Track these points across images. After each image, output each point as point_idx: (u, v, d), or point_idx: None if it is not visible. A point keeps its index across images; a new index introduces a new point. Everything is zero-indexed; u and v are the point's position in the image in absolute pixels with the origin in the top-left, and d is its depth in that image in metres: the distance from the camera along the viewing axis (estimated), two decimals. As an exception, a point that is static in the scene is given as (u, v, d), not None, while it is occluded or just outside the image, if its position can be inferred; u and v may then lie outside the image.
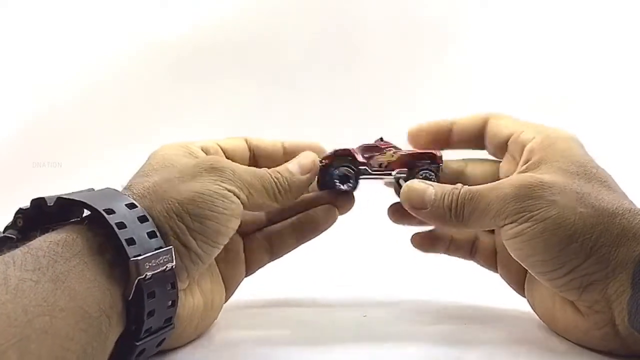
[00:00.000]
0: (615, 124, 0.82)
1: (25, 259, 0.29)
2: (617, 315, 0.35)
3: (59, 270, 0.29)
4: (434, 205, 0.38)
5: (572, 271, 0.35)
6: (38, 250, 0.30)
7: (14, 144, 0.82)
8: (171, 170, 0.37)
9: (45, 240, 0.31)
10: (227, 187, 0.36)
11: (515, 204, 0.36)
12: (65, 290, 0.29)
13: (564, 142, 0.39)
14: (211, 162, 0.37)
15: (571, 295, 0.36)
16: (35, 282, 0.28)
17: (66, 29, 0.85)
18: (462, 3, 0.89)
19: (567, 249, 0.35)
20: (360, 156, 0.43)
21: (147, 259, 0.32)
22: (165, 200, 0.35)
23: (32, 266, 0.29)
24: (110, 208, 0.33)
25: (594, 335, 0.37)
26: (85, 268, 0.31)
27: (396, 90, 0.85)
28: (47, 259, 0.30)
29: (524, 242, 0.36)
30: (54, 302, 0.28)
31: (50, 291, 0.28)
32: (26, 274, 0.28)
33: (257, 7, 0.88)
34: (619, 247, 0.35)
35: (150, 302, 0.32)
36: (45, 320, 0.27)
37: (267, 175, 0.39)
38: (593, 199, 0.36)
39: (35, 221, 0.34)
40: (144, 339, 0.33)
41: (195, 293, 0.38)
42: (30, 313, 0.27)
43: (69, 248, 0.31)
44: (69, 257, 0.30)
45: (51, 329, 0.27)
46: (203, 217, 0.35)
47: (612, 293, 0.35)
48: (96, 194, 0.34)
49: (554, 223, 0.35)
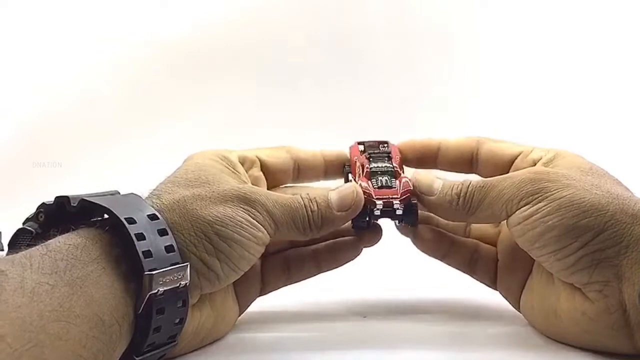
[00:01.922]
0: (613, 126, 0.82)
1: (43, 261, 0.29)
2: (628, 297, 0.34)
3: (76, 275, 0.29)
4: (442, 192, 0.39)
5: (584, 246, 0.35)
6: (57, 253, 0.30)
7: (14, 144, 0.82)
8: (205, 188, 0.37)
9: (65, 242, 0.31)
10: (257, 219, 0.36)
11: (532, 186, 0.36)
12: (81, 295, 0.29)
13: (576, 157, 0.41)
14: (245, 192, 0.37)
15: (581, 276, 0.36)
16: (52, 286, 0.28)
17: (66, 29, 0.85)
18: (461, 3, 0.89)
19: (581, 223, 0.35)
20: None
21: (161, 274, 0.31)
22: (195, 219, 0.34)
23: (49, 269, 0.29)
24: (132, 217, 0.32)
25: (603, 324, 0.35)
26: (103, 274, 0.30)
27: (396, 90, 0.85)
28: (64, 262, 0.29)
29: (537, 219, 0.36)
30: (70, 307, 0.28)
31: (67, 296, 0.28)
32: (43, 278, 0.28)
33: (257, 7, 0.88)
34: (634, 226, 0.35)
35: (158, 318, 0.32)
36: (61, 326, 0.27)
37: (301, 209, 0.38)
38: (609, 186, 0.37)
39: (57, 218, 0.34)
40: (144, 354, 0.32)
41: (206, 308, 0.37)
42: (46, 318, 0.27)
43: (88, 253, 0.31)
44: (87, 262, 0.30)
45: (65, 336, 0.27)
46: (230, 240, 0.35)
47: (625, 271, 0.34)
48: (120, 200, 0.34)
49: (569, 200, 0.35)
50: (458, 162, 0.44)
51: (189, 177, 0.38)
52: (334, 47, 0.87)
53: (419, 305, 0.47)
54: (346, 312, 0.46)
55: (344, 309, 0.46)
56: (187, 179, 0.37)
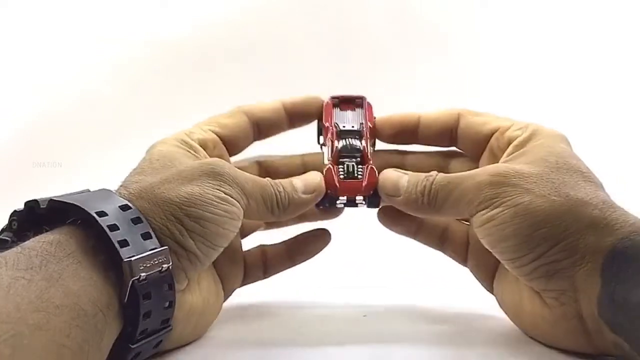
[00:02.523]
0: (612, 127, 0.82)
1: (18, 258, 0.29)
2: (585, 308, 0.35)
3: (52, 269, 0.29)
4: (407, 191, 0.39)
5: (539, 257, 0.35)
6: (31, 251, 0.30)
7: (14, 144, 0.81)
8: (171, 172, 0.37)
9: (39, 240, 0.31)
10: (227, 192, 0.36)
11: (490, 190, 0.36)
12: (59, 288, 0.29)
13: (551, 139, 0.39)
14: (212, 167, 0.37)
15: (538, 284, 0.36)
16: (29, 281, 0.28)
17: (66, 29, 0.85)
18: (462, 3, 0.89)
19: (536, 234, 0.35)
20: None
21: (141, 260, 0.32)
22: (164, 202, 0.35)
23: (24, 265, 0.29)
24: (103, 210, 0.32)
25: (561, 329, 0.36)
26: (79, 267, 0.30)
27: (396, 91, 0.85)
28: (40, 259, 0.30)
29: (494, 226, 0.36)
30: (48, 298, 0.28)
31: (44, 289, 0.28)
32: (19, 273, 0.28)
33: (257, 7, 0.88)
34: (589, 236, 0.35)
35: (146, 303, 0.32)
36: (40, 316, 0.27)
37: (268, 187, 0.39)
38: (569, 189, 0.36)
39: (30, 223, 0.34)
40: (139, 341, 0.33)
41: (195, 292, 0.38)
42: (23, 310, 0.27)
43: (62, 248, 0.31)
44: (63, 257, 0.30)
45: (46, 325, 0.27)
46: (202, 219, 0.35)
47: (580, 282, 0.35)
48: (89, 196, 0.34)
49: (525, 209, 0.35)
50: (438, 137, 0.44)
51: (154, 165, 0.38)
52: (334, 46, 0.87)
53: (418, 304, 0.47)
54: (346, 311, 0.46)
55: (343, 307, 0.46)
56: (153, 167, 0.37)
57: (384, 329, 0.42)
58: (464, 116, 0.43)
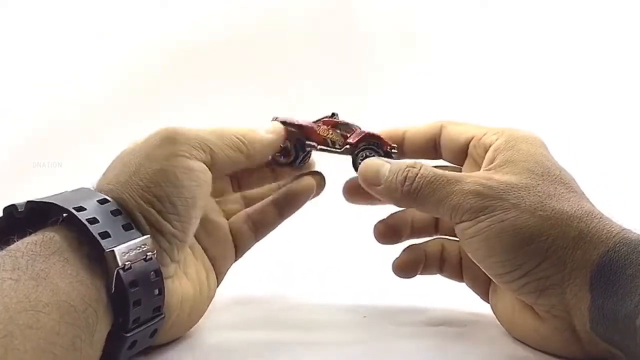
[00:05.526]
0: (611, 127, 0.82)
1: (4, 260, 0.29)
2: (577, 321, 0.35)
3: (39, 268, 0.30)
4: (387, 180, 0.38)
5: (527, 274, 0.35)
6: (16, 252, 0.30)
7: (14, 144, 0.82)
8: (129, 157, 0.37)
9: (23, 242, 0.31)
10: (186, 152, 0.36)
11: (477, 201, 0.36)
12: (47, 286, 0.29)
13: (528, 143, 0.39)
14: (166, 131, 0.37)
15: (528, 298, 0.36)
16: (16, 281, 0.28)
17: (66, 29, 0.85)
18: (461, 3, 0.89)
19: (522, 251, 0.35)
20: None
21: (123, 250, 0.32)
22: (136, 190, 0.35)
23: (10, 266, 0.29)
24: (81, 206, 0.33)
25: (554, 340, 0.36)
26: (66, 264, 0.31)
27: (396, 91, 0.85)
28: (25, 259, 0.30)
29: (481, 241, 0.36)
30: (37, 297, 0.28)
31: (32, 288, 0.28)
32: (5, 274, 0.29)
33: (257, 7, 0.88)
34: (575, 251, 0.34)
35: (134, 291, 0.32)
36: (29, 315, 0.27)
37: (227, 131, 0.39)
38: (554, 202, 0.36)
39: (11, 228, 0.34)
40: (133, 330, 0.33)
41: (182, 279, 0.38)
42: (12, 310, 0.27)
43: (47, 247, 0.31)
44: (48, 255, 0.31)
45: (36, 324, 0.27)
46: (170, 196, 0.35)
47: (570, 298, 0.35)
48: (67, 195, 0.35)
49: (512, 225, 0.35)
50: (424, 150, 0.44)
51: (124, 160, 0.37)
52: (334, 46, 0.87)
53: (418, 305, 0.47)
54: (346, 311, 0.46)
55: (343, 308, 0.46)
56: (123, 163, 0.37)
57: (383, 329, 0.42)
58: (445, 127, 0.43)
